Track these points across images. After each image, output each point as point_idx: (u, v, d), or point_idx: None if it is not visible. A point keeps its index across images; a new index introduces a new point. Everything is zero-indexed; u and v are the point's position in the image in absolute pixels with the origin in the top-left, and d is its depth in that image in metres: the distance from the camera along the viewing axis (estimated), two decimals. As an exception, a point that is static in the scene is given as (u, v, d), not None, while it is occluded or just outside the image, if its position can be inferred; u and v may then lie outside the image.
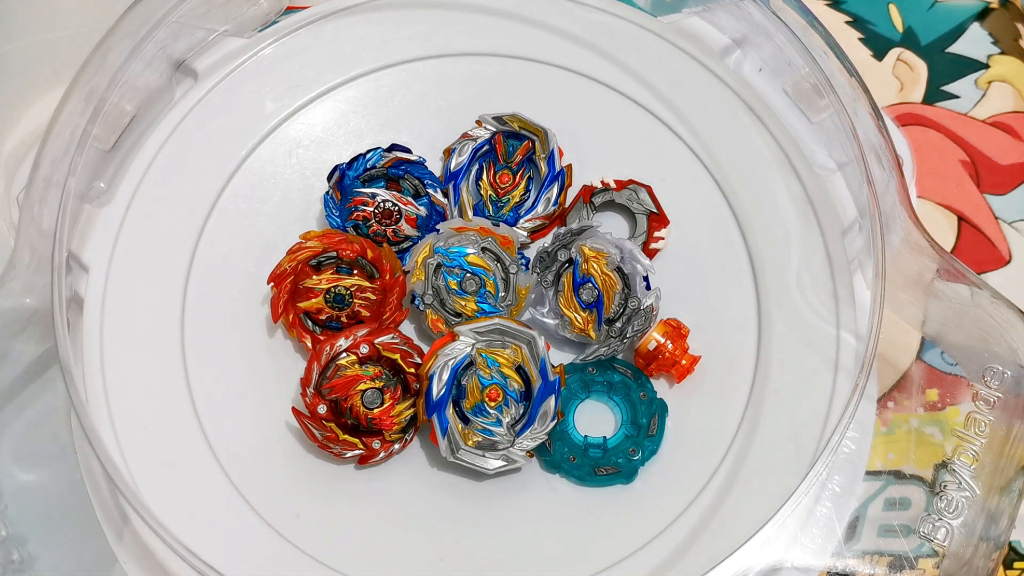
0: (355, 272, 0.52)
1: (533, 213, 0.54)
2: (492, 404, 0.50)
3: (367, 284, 0.51)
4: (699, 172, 0.55)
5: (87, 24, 0.60)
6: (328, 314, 0.51)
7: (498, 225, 0.52)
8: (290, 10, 0.58)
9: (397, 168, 0.53)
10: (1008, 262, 0.59)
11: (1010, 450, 0.48)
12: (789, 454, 0.50)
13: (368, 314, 0.51)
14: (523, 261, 0.53)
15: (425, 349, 0.51)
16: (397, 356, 0.50)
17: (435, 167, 0.55)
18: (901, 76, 0.62)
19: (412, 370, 0.50)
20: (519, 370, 0.50)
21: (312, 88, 0.56)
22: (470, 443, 0.49)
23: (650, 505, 0.50)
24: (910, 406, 0.55)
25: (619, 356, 0.52)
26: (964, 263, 0.50)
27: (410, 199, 0.53)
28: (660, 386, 0.52)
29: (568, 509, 0.50)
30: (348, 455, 0.50)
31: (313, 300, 0.51)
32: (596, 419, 0.52)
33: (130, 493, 0.46)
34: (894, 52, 0.63)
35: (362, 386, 0.49)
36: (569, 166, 0.54)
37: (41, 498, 0.51)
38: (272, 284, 0.51)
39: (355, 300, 0.51)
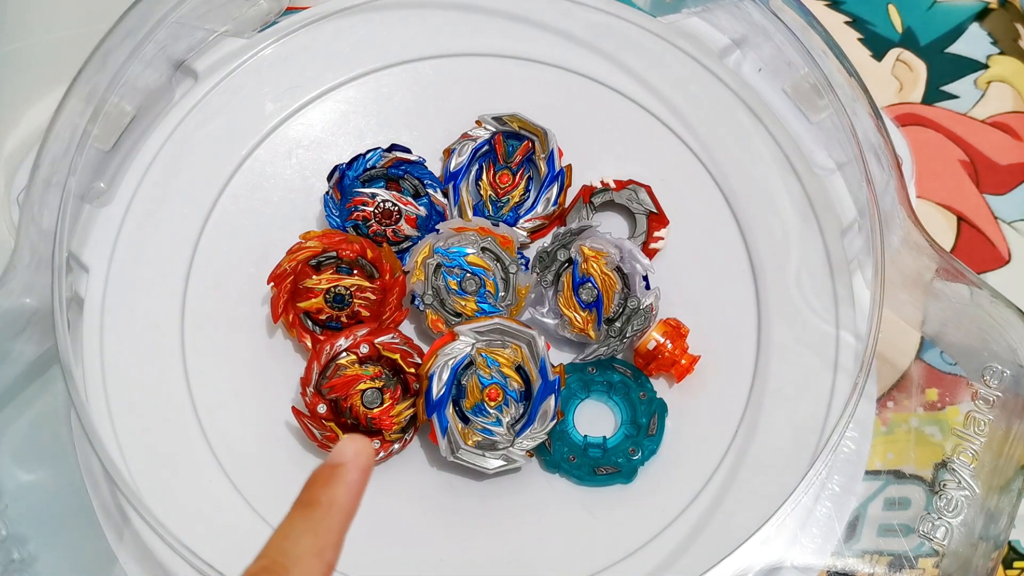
0: (355, 272, 0.52)
1: (533, 213, 0.54)
2: (492, 404, 0.50)
3: (367, 284, 0.51)
4: (699, 172, 0.55)
5: (87, 24, 0.60)
6: (328, 314, 0.51)
7: (498, 225, 0.52)
8: (290, 10, 0.58)
9: (397, 168, 0.53)
10: (1007, 262, 0.59)
11: (1009, 449, 0.48)
12: (789, 454, 0.50)
13: (368, 314, 0.51)
14: (523, 261, 0.53)
15: (425, 349, 0.51)
16: (397, 356, 0.50)
17: (435, 167, 0.55)
18: (900, 76, 0.62)
19: (412, 370, 0.50)
20: (519, 370, 0.50)
21: (312, 88, 0.56)
22: (470, 443, 0.49)
23: (650, 505, 0.50)
24: (910, 406, 0.55)
25: (619, 356, 0.52)
26: (963, 263, 0.50)
27: (410, 199, 0.53)
28: (660, 386, 0.52)
29: (568, 509, 0.50)
30: (348, 455, 0.50)
31: (313, 300, 0.51)
32: (596, 419, 0.52)
33: (130, 493, 0.46)
34: (893, 52, 0.63)
35: (362, 386, 0.50)
36: (569, 166, 0.54)
37: (41, 498, 0.51)
38: (272, 284, 0.51)
39: (355, 300, 0.51)
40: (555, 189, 0.54)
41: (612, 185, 0.54)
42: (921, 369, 0.56)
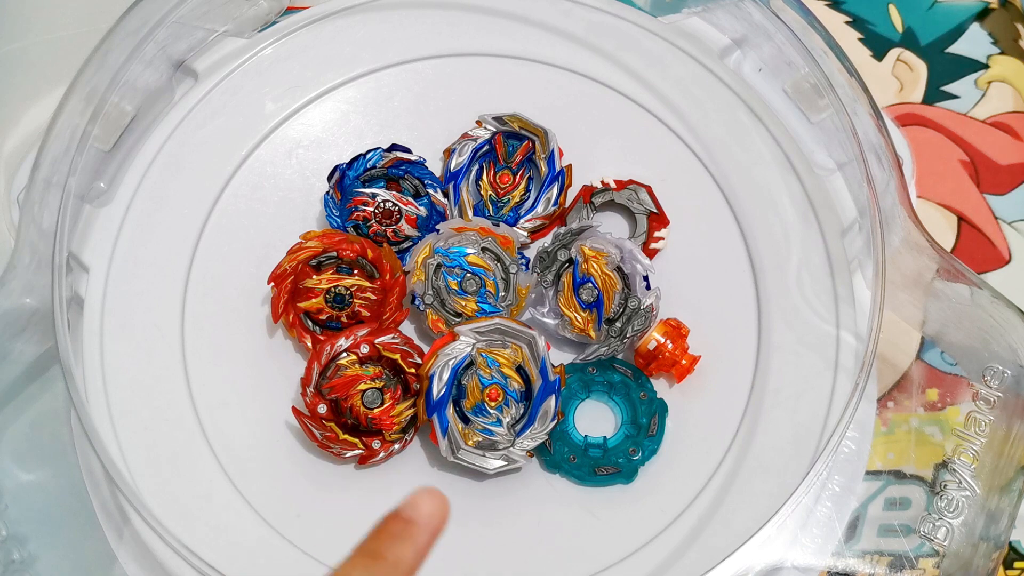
0: (355, 272, 0.52)
1: (533, 213, 0.54)
2: (492, 404, 0.50)
3: (367, 284, 0.51)
4: (699, 172, 0.55)
5: (87, 24, 0.60)
6: (328, 314, 0.51)
7: (498, 225, 0.52)
8: (290, 10, 0.58)
9: (397, 168, 0.53)
10: (1008, 262, 0.59)
11: (1010, 450, 0.48)
12: (789, 454, 0.50)
13: (368, 314, 0.51)
14: (523, 261, 0.53)
15: (425, 349, 0.51)
16: (397, 356, 0.50)
17: (435, 167, 0.55)
18: (901, 76, 0.62)
19: (412, 370, 0.50)
20: (519, 370, 0.50)
21: (312, 88, 0.56)
22: (470, 443, 0.49)
23: (650, 505, 0.50)
24: (910, 406, 0.55)
25: (619, 356, 0.52)
26: (964, 263, 0.50)
27: (410, 199, 0.53)
28: (660, 386, 0.52)
29: (568, 509, 0.50)
30: (348, 455, 0.50)
31: (313, 300, 0.51)
32: (596, 419, 0.52)
33: (130, 493, 0.46)
34: (894, 52, 0.63)
35: (362, 386, 0.49)
36: (569, 166, 0.54)
37: (41, 498, 0.51)
38: (272, 284, 0.51)
39: (355, 300, 0.51)
40: (555, 189, 0.54)
41: (612, 185, 0.54)
42: (921, 369, 0.56)
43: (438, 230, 0.52)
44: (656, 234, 0.54)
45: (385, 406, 0.50)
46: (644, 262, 0.51)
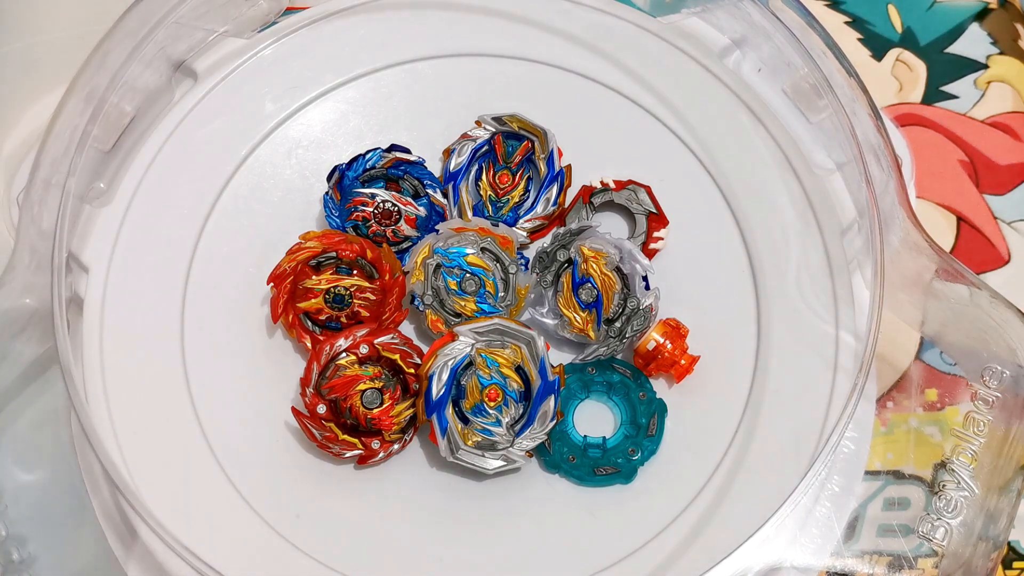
0: (355, 272, 0.52)
1: (532, 213, 0.54)
2: (491, 404, 0.50)
3: (367, 284, 0.51)
4: (698, 172, 0.55)
5: (87, 24, 0.60)
6: (328, 314, 0.51)
7: (497, 225, 0.52)
8: (290, 11, 0.58)
9: (396, 168, 0.54)
10: (1007, 262, 0.59)
11: (1009, 450, 0.48)
12: (788, 454, 0.50)
13: (368, 314, 0.51)
14: (522, 261, 0.53)
15: (425, 349, 0.51)
16: (397, 356, 0.50)
17: (435, 167, 0.55)
18: (900, 76, 0.62)
19: (412, 370, 0.50)
20: (518, 370, 0.50)
21: (312, 88, 0.56)
22: (470, 443, 0.49)
23: (650, 505, 0.50)
24: (909, 406, 0.55)
25: (618, 356, 0.52)
26: (963, 263, 0.50)
27: (409, 199, 0.53)
28: (659, 386, 0.52)
29: (568, 509, 0.50)
30: (347, 455, 0.50)
31: (313, 300, 0.51)
32: (595, 419, 0.52)
33: (130, 493, 0.46)
34: (893, 52, 0.63)
35: (361, 386, 0.50)
36: (568, 166, 0.54)
37: (41, 498, 0.51)
38: (272, 284, 0.51)
39: (355, 300, 0.51)
40: (555, 189, 0.54)
41: (612, 185, 0.54)
42: (921, 369, 0.56)
43: (437, 230, 0.52)
44: (655, 234, 0.54)
45: (384, 406, 0.50)
46: (643, 262, 0.51)
